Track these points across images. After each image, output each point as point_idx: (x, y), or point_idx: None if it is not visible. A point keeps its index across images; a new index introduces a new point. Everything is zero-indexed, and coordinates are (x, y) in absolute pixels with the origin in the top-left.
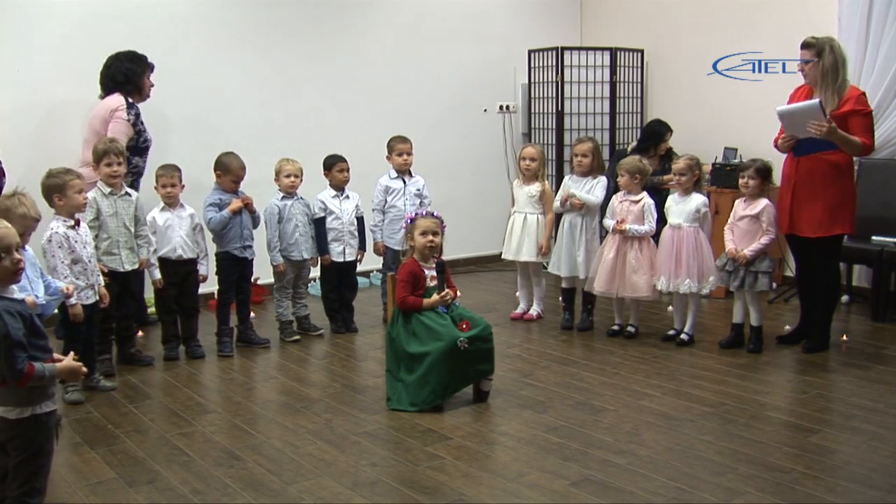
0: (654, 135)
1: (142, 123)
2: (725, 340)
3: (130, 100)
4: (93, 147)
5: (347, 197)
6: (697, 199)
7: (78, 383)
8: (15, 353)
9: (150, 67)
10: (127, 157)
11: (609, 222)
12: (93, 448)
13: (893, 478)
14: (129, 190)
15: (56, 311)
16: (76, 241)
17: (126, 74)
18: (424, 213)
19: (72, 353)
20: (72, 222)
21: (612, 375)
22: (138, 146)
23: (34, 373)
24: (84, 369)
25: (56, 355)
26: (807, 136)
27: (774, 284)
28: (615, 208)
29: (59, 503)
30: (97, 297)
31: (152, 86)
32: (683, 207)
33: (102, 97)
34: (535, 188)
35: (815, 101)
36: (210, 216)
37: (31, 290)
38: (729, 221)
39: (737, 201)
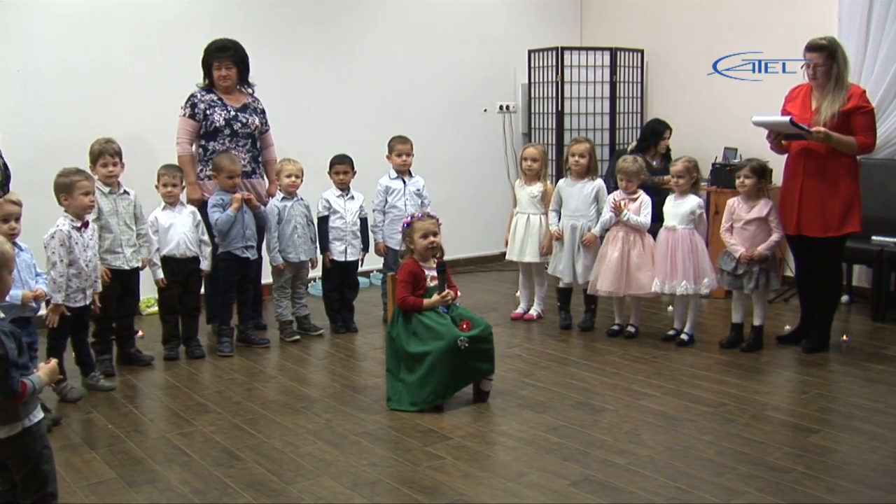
0: (654, 134)
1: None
2: (726, 340)
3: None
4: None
5: (352, 197)
6: (692, 202)
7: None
8: (10, 374)
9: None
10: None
11: (607, 213)
12: (93, 448)
13: (893, 478)
14: (126, 189)
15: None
16: (77, 243)
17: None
18: (421, 214)
19: (49, 361)
20: (79, 224)
21: (612, 375)
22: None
23: (27, 391)
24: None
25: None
26: (790, 133)
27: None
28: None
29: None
30: (87, 302)
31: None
32: (678, 209)
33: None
34: (536, 188)
35: (786, 118)
36: (216, 217)
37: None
38: (724, 224)
39: (731, 202)
